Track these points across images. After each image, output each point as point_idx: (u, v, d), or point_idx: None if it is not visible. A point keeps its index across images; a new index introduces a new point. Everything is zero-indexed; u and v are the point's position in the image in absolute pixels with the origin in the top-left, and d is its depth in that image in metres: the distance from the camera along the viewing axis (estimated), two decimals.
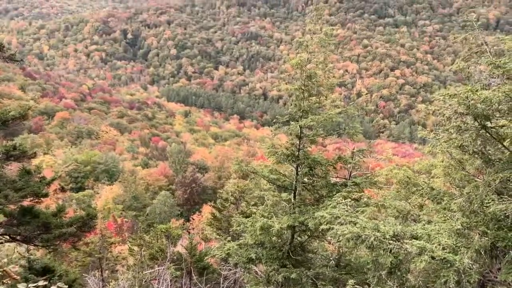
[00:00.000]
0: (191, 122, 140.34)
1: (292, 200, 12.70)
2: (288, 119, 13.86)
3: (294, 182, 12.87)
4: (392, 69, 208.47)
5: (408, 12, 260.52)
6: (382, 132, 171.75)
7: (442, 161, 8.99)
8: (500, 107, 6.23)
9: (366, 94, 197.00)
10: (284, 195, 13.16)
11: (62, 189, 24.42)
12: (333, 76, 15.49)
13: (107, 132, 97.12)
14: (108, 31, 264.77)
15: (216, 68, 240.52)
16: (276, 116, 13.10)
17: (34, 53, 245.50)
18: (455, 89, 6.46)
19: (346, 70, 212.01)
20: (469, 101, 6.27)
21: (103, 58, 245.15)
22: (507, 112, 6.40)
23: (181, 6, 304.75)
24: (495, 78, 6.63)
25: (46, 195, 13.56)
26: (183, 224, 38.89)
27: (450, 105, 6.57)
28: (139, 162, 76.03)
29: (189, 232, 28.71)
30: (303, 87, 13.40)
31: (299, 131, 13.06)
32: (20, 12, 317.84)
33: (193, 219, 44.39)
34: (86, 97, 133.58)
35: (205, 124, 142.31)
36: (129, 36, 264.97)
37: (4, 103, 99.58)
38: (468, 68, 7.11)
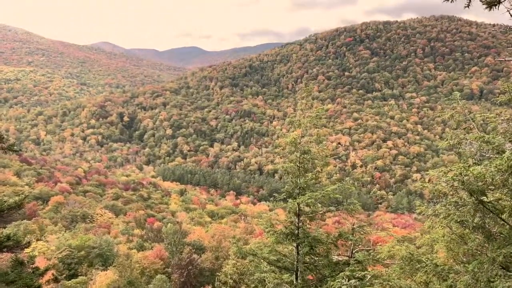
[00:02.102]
0: (187, 201, 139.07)
1: (294, 282, 12.26)
2: (285, 196, 13.82)
3: (295, 263, 12.52)
4: (384, 140, 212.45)
5: (394, 86, 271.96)
6: (380, 203, 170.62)
7: (444, 236, 8.88)
8: (494, 181, 6.32)
9: (361, 166, 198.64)
10: (285, 276, 12.72)
11: (56, 280, 23.47)
12: (327, 149, 15.77)
13: (101, 215, 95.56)
14: (105, 114, 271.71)
15: (211, 146, 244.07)
16: (274, 194, 13.12)
17: (31, 139, 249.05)
18: (449, 166, 6.58)
19: (339, 143, 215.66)
20: (463, 177, 6.37)
21: (99, 141, 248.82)
22: (501, 185, 6.48)
23: (176, 88, 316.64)
24: (484, 153, 6.80)
25: (38, 287, 13.04)
26: None
27: (446, 181, 6.67)
28: (134, 245, 74.03)
29: None
30: (298, 164, 13.54)
31: (297, 209, 12.97)
32: (20, 100, 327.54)
33: None
34: (81, 180, 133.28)
35: (201, 202, 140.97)
36: (126, 118, 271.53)
37: None
38: (459, 145, 7.33)
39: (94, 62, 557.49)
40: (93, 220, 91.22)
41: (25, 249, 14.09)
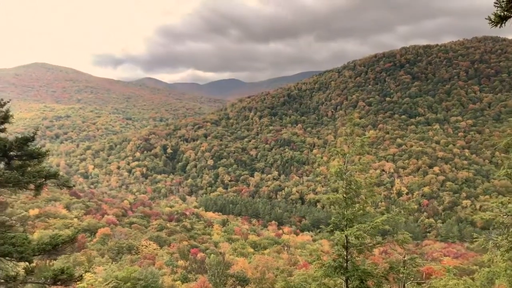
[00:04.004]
0: (229, 231, 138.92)
1: None
2: (332, 228, 13.51)
3: None
4: (430, 166, 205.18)
5: (438, 110, 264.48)
6: (429, 232, 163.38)
7: (506, 270, 8.28)
8: None
9: (407, 193, 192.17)
10: None
11: None
12: (372, 178, 15.36)
13: (146, 246, 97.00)
14: (149, 147, 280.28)
15: (252, 175, 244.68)
16: (317, 224, 12.86)
17: (80, 172, 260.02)
18: (507, 195, 6.24)
19: (383, 170, 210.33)
20: None
21: (144, 173, 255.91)
22: None
23: (216, 119, 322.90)
24: None
25: None
26: None
27: (507, 213, 6.31)
28: (178, 276, 74.26)
29: None
30: (345, 195, 13.26)
31: (345, 241, 12.63)
32: (69, 136, 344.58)
33: None
34: (127, 212, 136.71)
35: (243, 232, 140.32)
36: (169, 150, 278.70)
37: (49, 222, 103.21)
38: None
39: (138, 97, 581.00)
40: (138, 252, 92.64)
41: (78, 282, 14.46)
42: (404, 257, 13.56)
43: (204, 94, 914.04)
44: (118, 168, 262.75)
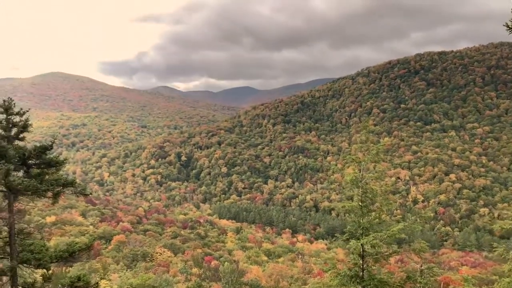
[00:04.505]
0: (243, 239, 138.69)
1: None
2: (348, 237, 13.37)
3: None
4: (446, 174, 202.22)
5: (454, 117, 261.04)
6: (446, 241, 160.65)
7: None
8: None
9: (423, 201, 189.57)
10: None
11: None
12: (387, 186, 15.18)
13: (161, 254, 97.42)
14: (164, 155, 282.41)
15: (266, 183, 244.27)
16: (332, 233, 12.77)
17: (95, 180, 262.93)
18: None
19: (398, 177, 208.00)
20: None
21: (158, 180, 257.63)
22: None
23: (230, 127, 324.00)
24: None
25: None
26: None
27: None
28: (192, 284, 74.23)
29: None
30: (360, 203, 13.13)
31: (361, 250, 12.49)
32: (85, 144, 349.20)
33: None
34: (142, 219, 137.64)
35: (257, 240, 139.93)
36: (183, 158, 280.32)
37: (65, 229, 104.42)
38: None
39: (153, 105, 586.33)
40: (153, 259, 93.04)
41: None
42: (421, 266, 13.38)
43: (218, 101, 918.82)
44: (133, 175, 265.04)
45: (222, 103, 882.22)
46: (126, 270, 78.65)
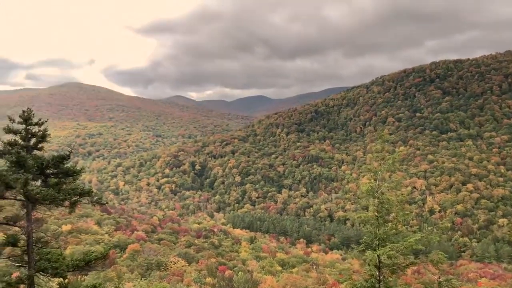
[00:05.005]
0: (256, 249, 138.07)
1: None
2: (364, 247, 13.19)
3: None
4: (463, 183, 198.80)
5: (471, 125, 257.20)
6: (463, 251, 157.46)
7: None
8: None
9: (439, 211, 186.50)
10: None
11: None
12: (403, 195, 14.98)
13: (175, 263, 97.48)
14: (178, 164, 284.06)
15: (279, 192, 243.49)
16: (351, 245, 12.64)
17: (111, 189, 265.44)
18: None
19: (414, 187, 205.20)
20: None
21: (172, 189, 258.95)
22: None
23: (244, 136, 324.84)
24: None
25: None
26: None
27: None
28: None
29: None
30: (376, 214, 12.98)
31: (378, 261, 12.33)
32: (101, 153, 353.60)
33: None
34: (156, 228, 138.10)
35: (271, 250, 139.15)
36: (197, 167, 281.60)
37: (81, 237, 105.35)
38: None
39: (168, 115, 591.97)
40: (167, 268, 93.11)
41: None
42: (439, 278, 13.16)
43: (232, 111, 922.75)
44: (148, 184, 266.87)
45: (236, 112, 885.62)
46: (141, 279, 78.84)
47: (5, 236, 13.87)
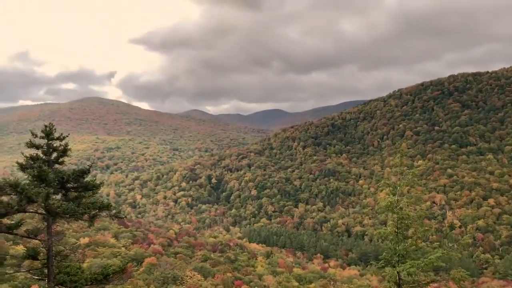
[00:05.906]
0: (273, 264, 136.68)
1: None
2: (383, 264, 12.97)
3: None
4: (484, 198, 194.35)
5: (491, 139, 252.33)
6: (486, 268, 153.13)
7: None
8: None
9: (460, 226, 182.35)
10: None
11: None
12: (423, 211, 14.72)
13: (191, 277, 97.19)
14: (195, 177, 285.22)
15: (296, 206, 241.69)
16: (370, 262, 12.45)
17: (128, 202, 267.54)
18: None
19: (434, 202, 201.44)
20: None
21: (189, 203, 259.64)
22: None
23: (260, 150, 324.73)
24: None
25: None
26: None
27: None
28: None
29: None
30: (396, 229, 12.77)
31: (397, 278, 12.11)
32: (119, 167, 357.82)
33: None
34: (172, 242, 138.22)
35: (288, 265, 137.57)
36: (213, 180, 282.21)
37: (98, 250, 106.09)
38: None
39: (185, 128, 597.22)
40: (183, 282, 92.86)
41: None
42: None
43: (248, 124, 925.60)
44: (165, 198, 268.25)
45: (252, 125, 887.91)
46: None
47: (26, 249, 14.07)
